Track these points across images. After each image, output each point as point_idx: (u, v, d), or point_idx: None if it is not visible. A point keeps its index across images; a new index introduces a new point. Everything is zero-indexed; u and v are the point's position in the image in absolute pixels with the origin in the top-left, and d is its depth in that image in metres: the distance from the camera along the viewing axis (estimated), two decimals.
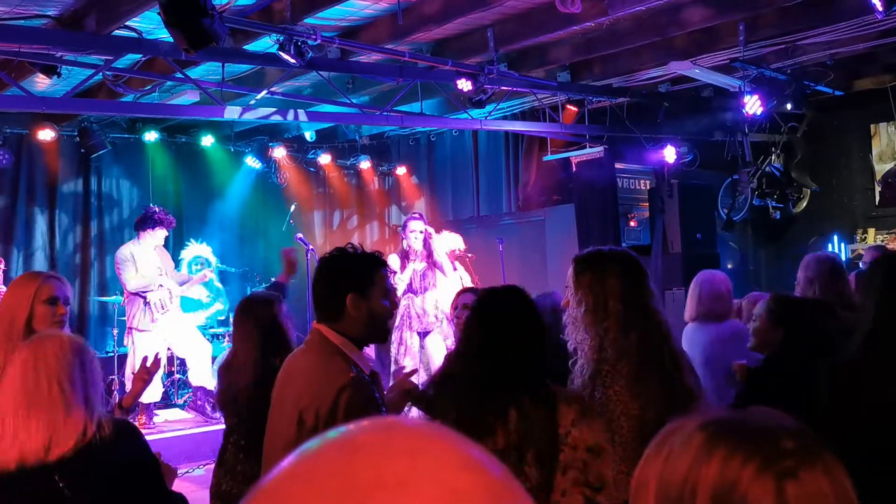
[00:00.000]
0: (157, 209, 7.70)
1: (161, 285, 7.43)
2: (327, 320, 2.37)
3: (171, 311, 7.50)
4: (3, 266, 7.50)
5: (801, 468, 0.92)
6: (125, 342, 7.58)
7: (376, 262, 2.43)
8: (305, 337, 2.48)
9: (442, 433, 0.64)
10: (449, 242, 7.60)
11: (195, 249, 8.75)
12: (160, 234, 7.50)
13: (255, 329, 3.39)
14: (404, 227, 7.00)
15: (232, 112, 6.94)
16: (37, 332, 2.78)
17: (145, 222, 7.46)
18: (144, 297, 7.32)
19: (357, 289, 2.35)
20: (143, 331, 7.29)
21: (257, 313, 3.44)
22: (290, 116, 7.52)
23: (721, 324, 4.08)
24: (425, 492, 0.57)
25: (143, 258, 7.39)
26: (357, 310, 2.33)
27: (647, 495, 0.98)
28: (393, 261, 7.09)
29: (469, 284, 7.17)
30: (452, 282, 7.69)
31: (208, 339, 8.24)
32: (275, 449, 2.34)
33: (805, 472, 0.92)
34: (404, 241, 6.93)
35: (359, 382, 2.22)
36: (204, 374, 7.59)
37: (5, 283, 7.16)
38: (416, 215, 7.12)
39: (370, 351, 2.60)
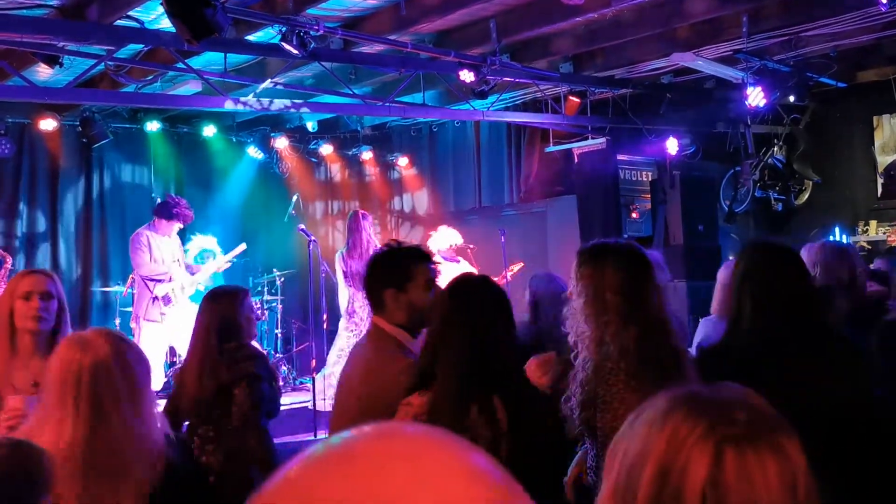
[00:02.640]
0: (180, 200, 7.74)
1: (171, 278, 7.42)
2: (378, 313, 2.63)
3: (180, 302, 7.50)
4: (9, 264, 7.49)
5: (746, 439, 0.92)
6: (131, 329, 7.55)
7: (416, 257, 2.62)
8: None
9: (444, 440, 0.63)
10: (447, 238, 7.68)
11: (201, 242, 8.68)
12: (174, 228, 7.52)
13: (209, 324, 3.46)
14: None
15: (233, 103, 6.95)
16: (18, 329, 2.86)
17: (164, 211, 7.48)
18: (152, 291, 7.31)
19: (395, 284, 2.56)
20: (151, 321, 7.30)
21: (210, 308, 3.51)
22: (292, 108, 7.56)
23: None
24: (425, 502, 0.56)
25: (157, 245, 7.40)
26: (397, 303, 2.56)
27: (614, 465, 1.02)
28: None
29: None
30: (457, 273, 7.84)
31: None
32: (341, 428, 2.41)
33: (751, 445, 0.92)
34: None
35: (413, 366, 2.40)
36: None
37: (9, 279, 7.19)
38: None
39: None
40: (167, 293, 7.40)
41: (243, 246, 8.23)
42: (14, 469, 1.59)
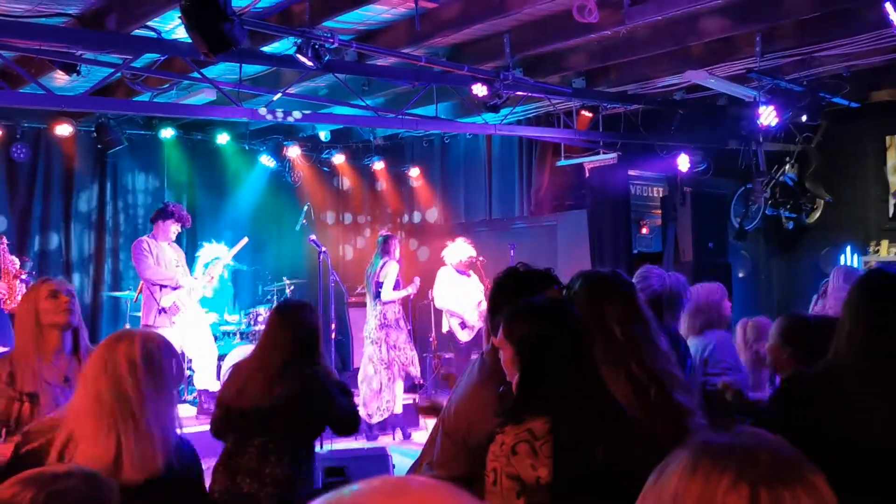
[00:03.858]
0: (174, 204, 7.77)
1: (178, 285, 7.42)
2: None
3: (189, 309, 7.51)
4: (4, 243, 7.45)
5: (778, 480, 0.95)
6: None
7: (547, 280, 2.53)
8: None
9: (452, 495, 0.63)
10: (462, 251, 7.86)
11: (213, 251, 8.55)
12: (173, 229, 7.52)
13: (293, 335, 3.40)
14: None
15: (248, 112, 6.94)
16: (44, 327, 2.99)
17: (160, 213, 7.53)
18: (158, 301, 7.32)
19: None
20: (159, 328, 7.25)
21: (296, 320, 3.44)
22: (305, 120, 7.45)
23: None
24: None
25: (159, 252, 7.42)
26: None
27: None
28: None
29: (485, 289, 7.49)
30: (470, 288, 7.99)
31: (217, 336, 8.32)
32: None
33: (783, 484, 0.95)
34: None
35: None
36: (209, 378, 7.64)
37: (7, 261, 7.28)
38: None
39: None
40: (174, 302, 7.40)
41: (245, 240, 8.24)
42: (85, 500, 1.59)
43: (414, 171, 11.26)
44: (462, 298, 8.07)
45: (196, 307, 7.71)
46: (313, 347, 3.43)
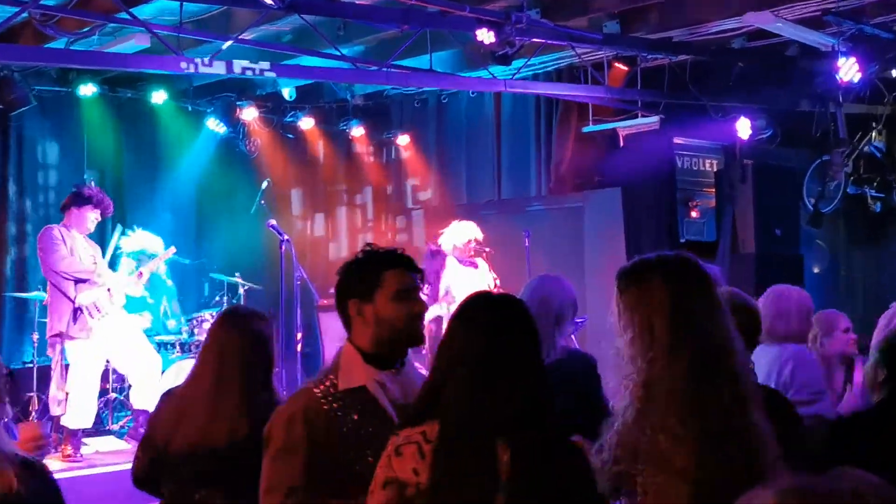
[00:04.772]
0: (90, 186, 7.67)
1: (98, 280, 7.37)
2: (348, 333, 2.74)
3: (111, 313, 7.45)
4: None
5: None
6: (49, 351, 7.46)
7: (386, 261, 2.70)
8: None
9: None
10: (464, 232, 7.72)
11: (139, 240, 8.40)
12: (90, 217, 7.42)
13: (244, 353, 3.34)
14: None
15: (192, 64, 6.86)
16: None
17: (75, 199, 7.42)
18: (73, 299, 7.24)
19: (358, 293, 2.66)
20: (74, 338, 7.20)
21: (248, 332, 3.39)
22: (264, 72, 7.27)
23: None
24: None
25: (73, 244, 7.33)
26: (361, 316, 2.66)
27: None
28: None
29: (494, 284, 7.51)
30: (479, 283, 7.82)
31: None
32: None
33: None
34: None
35: (307, 409, 2.55)
36: (149, 395, 7.38)
37: None
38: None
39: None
40: (94, 302, 7.31)
41: (173, 249, 8.21)
42: None
43: (403, 139, 11.19)
44: (468, 293, 7.94)
45: (120, 313, 7.59)
46: (268, 370, 3.41)
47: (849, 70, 7.39)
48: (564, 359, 3.72)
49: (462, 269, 8.03)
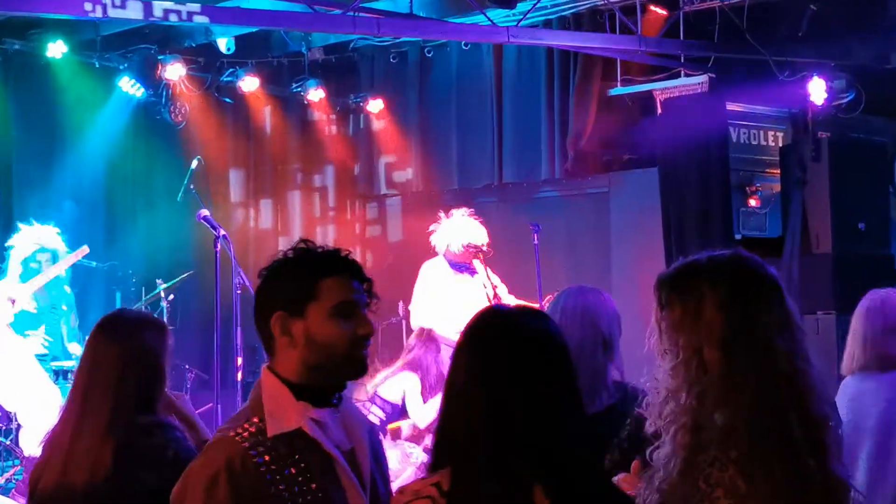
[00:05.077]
0: None
1: None
2: (269, 357, 2.74)
3: None
4: None
5: None
6: None
7: (324, 265, 2.68)
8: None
9: None
10: (463, 232, 7.81)
11: (33, 235, 8.35)
12: None
13: (124, 369, 3.40)
14: None
15: (99, 6, 6.96)
16: None
17: None
18: None
19: (285, 305, 2.63)
20: None
21: (129, 343, 3.46)
22: (192, 17, 7.49)
23: None
24: None
25: None
26: (287, 335, 2.62)
27: None
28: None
29: (501, 291, 7.76)
30: (474, 293, 8.04)
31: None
32: None
33: None
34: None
35: (231, 465, 2.47)
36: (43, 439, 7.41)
37: None
38: None
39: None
40: None
41: (85, 249, 8.37)
42: None
43: (374, 105, 11.31)
44: (464, 310, 7.64)
45: (5, 333, 7.80)
46: (152, 387, 3.44)
47: None
48: (618, 403, 3.76)
49: (453, 275, 8.16)
